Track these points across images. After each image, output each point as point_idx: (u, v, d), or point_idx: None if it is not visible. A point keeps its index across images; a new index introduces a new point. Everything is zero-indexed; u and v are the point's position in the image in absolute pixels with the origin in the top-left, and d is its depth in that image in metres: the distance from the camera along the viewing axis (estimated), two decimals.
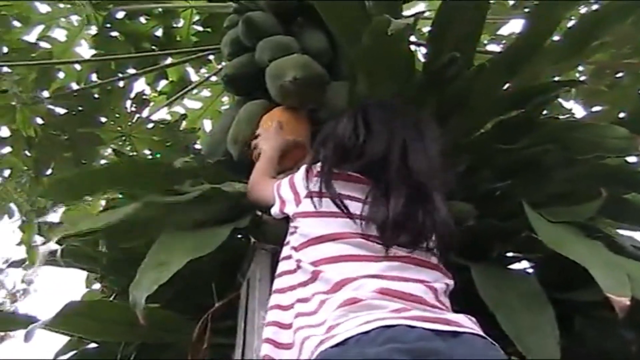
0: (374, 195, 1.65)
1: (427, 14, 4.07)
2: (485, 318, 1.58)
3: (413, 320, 1.37)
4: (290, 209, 1.75)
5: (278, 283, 1.69)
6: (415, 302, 1.46)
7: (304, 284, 1.57)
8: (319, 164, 1.75)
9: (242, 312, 2.01)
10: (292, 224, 1.73)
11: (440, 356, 1.31)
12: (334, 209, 1.64)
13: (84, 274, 3.33)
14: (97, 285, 3.28)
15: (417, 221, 1.61)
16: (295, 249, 1.64)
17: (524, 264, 2.44)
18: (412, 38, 3.43)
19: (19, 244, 4.55)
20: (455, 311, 1.54)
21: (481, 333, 1.44)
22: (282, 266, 1.70)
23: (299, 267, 1.61)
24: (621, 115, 3.48)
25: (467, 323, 1.44)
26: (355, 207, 1.64)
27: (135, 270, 1.91)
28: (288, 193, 1.78)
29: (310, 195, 1.69)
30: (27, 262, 4.01)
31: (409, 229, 1.60)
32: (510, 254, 2.46)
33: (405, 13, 3.47)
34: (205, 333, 2.08)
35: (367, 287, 1.47)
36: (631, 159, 2.77)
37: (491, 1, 3.86)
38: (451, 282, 1.63)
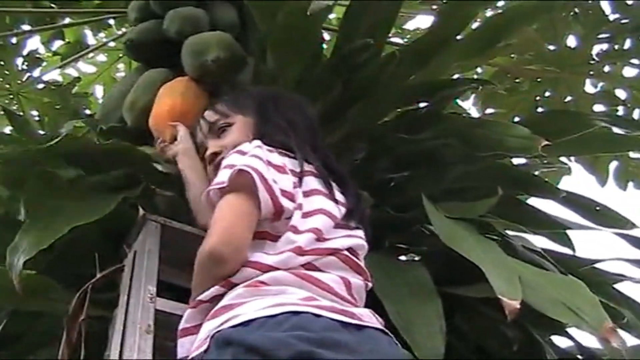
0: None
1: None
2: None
3: (321, 310, 1.33)
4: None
5: None
6: (326, 291, 1.42)
7: None
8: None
9: (126, 285, 1.91)
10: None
11: (346, 349, 1.27)
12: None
13: None
14: None
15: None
16: None
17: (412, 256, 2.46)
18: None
19: None
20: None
21: (384, 329, 1.43)
22: None
23: None
24: (516, 119, 3.56)
25: (371, 318, 1.42)
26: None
27: (12, 234, 1.80)
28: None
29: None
30: None
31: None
32: (401, 245, 2.47)
33: None
34: (83, 304, 1.97)
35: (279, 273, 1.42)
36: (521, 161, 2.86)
37: None
38: (369, 284, 1.60)
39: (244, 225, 1.47)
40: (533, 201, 2.90)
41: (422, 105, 2.56)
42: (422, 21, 4.19)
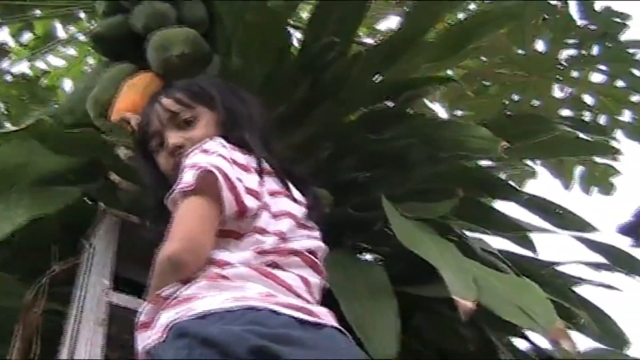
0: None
1: None
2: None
3: (279, 306, 1.33)
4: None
5: None
6: (286, 288, 1.42)
7: None
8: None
9: (82, 279, 1.91)
10: None
11: (302, 345, 1.27)
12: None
13: None
14: None
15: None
16: None
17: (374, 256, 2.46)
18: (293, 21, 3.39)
19: None
20: None
21: (341, 328, 1.42)
22: None
23: None
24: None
25: (328, 316, 1.42)
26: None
27: None
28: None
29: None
30: None
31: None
32: (363, 245, 2.47)
33: None
34: (40, 298, 1.96)
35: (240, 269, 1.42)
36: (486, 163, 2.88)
37: None
38: (326, 283, 1.60)
39: (205, 229, 1.45)
40: (498, 204, 2.95)
41: (387, 104, 2.56)
42: (395, 22, 4.19)
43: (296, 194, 1.61)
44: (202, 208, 1.46)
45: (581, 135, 2.88)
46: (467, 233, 2.52)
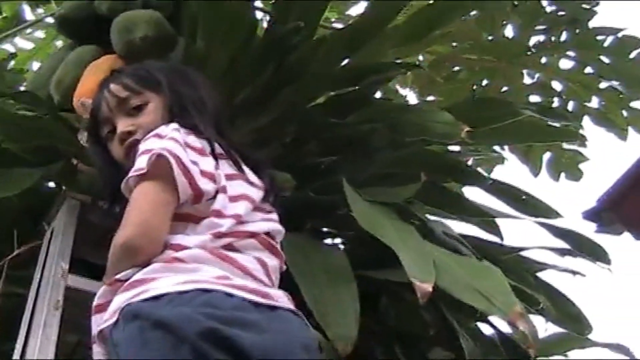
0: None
1: None
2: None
3: (233, 289, 1.33)
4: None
5: None
6: (242, 271, 1.42)
7: None
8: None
9: (41, 262, 1.90)
10: None
11: (255, 328, 1.28)
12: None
13: None
14: None
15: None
16: None
17: (338, 241, 2.46)
18: (258, 4, 3.38)
19: None
20: None
21: (296, 311, 1.43)
22: None
23: None
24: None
25: (284, 299, 1.43)
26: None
27: None
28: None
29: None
30: None
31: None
32: (325, 229, 2.47)
33: None
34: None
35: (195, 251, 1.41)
36: (454, 148, 2.88)
37: None
38: (284, 266, 1.60)
39: (160, 215, 1.44)
40: (464, 191, 2.96)
41: (351, 89, 2.55)
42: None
43: (252, 177, 1.60)
44: (155, 193, 1.45)
45: (549, 121, 2.89)
46: (432, 218, 2.54)
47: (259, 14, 3.17)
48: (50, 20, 4.18)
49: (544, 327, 2.39)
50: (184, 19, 2.74)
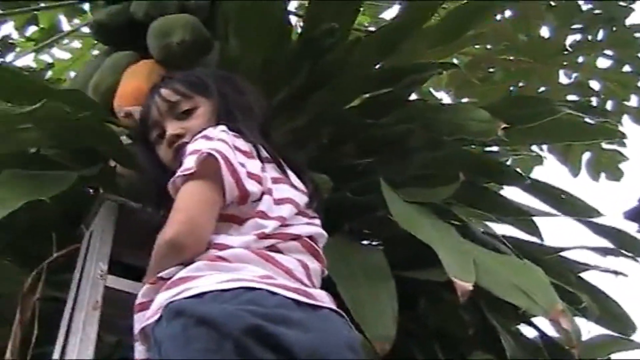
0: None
1: None
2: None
3: (276, 287, 1.34)
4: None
5: None
6: (284, 271, 1.43)
7: None
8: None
9: (80, 263, 1.91)
10: None
11: (298, 326, 1.29)
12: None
13: None
14: None
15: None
16: None
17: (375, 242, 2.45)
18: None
19: None
20: None
21: (339, 310, 1.44)
22: None
23: None
24: None
25: (326, 299, 1.43)
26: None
27: None
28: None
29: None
30: None
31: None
32: (364, 231, 2.46)
33: None
34: (38, 284, 1.96)
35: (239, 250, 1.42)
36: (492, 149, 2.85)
37: None
38: (325, 270, 1.61)
39: (206, 214, 1.46)
40: (503, 190, 2.92)
41: (386, 90, 2.54)
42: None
43: (295, 181, 1.62)
44: (202, 192, 1.47)
45: (587, 119, 2.85)
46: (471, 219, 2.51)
47: (292, 19, 3.19)
48: (86, 30, 4.24)
49: (587, 329, 2.35)
50: (219, 22, 2.76)
